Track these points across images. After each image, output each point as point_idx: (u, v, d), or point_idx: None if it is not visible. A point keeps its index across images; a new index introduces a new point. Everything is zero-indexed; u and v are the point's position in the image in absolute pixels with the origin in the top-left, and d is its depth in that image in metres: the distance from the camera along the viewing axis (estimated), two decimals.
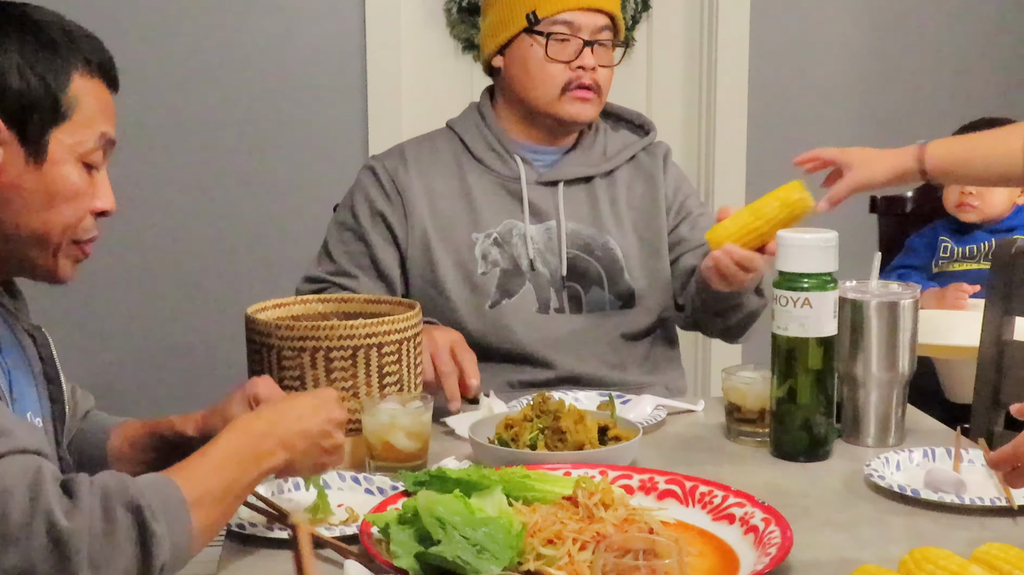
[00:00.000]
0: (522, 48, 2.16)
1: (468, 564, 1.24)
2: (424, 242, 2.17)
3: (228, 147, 3.42)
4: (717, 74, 3.62)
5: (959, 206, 2.95)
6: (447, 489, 1.40)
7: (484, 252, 2.17)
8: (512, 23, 2.16)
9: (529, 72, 2.15)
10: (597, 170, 2.23)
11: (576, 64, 2.13)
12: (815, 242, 1.71)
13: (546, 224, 2.19)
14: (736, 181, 3.65)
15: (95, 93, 1.35)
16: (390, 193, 2.19)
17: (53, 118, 1.31)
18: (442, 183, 2.20)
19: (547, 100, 2.15)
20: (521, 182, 2.19)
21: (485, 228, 2.17)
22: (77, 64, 1.33)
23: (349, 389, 1.69)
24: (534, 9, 2.13)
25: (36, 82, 1.30)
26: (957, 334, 2.39)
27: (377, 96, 3.45)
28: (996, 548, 1.28)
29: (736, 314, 2.14)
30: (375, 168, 2.23)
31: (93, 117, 1.34)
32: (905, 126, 3.69)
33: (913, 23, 3.70)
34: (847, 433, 1.83)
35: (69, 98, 1.32)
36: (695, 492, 1.52)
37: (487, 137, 2.23)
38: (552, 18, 2.13)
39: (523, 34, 2.15)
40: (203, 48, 3.39)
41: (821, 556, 1.39)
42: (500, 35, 2.19)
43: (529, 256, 2.17)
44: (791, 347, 1.73)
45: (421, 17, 3.55)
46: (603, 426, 1.73)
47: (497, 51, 2.20)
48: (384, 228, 2.19)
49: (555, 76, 2.14)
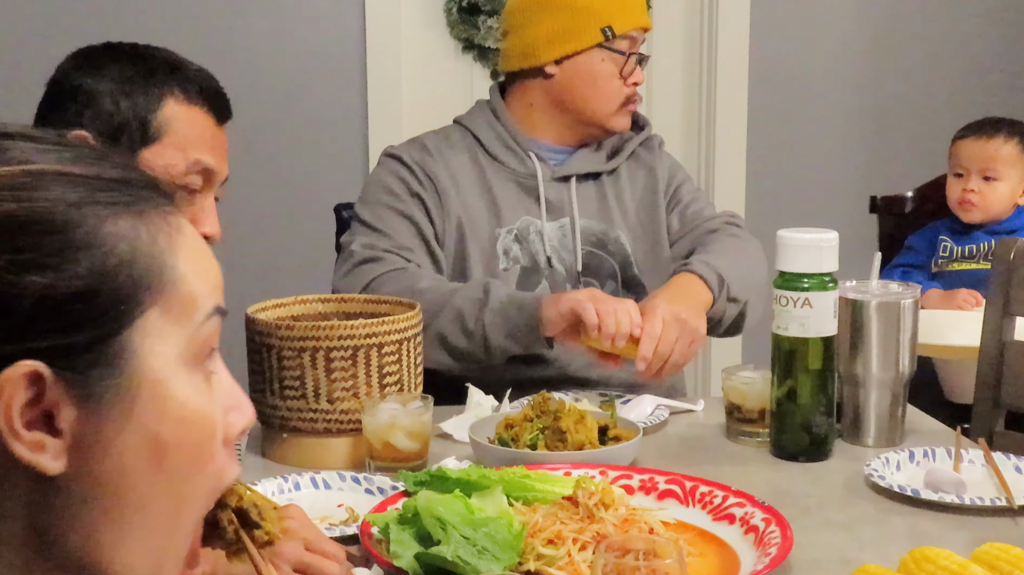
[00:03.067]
0: (591, 61, 2.16)
1: (468, 564, 1.25)
2: (459, 232, 2.15)
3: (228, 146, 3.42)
4: (717, 74, 3.62)
5: (961, 203, 2.95)
6: (447, 489, 1.40)
7: (506, 248, 2.17)
8: (585, 35, 2.16)
9: (596, 86, 2.17)
10: (604, 167, 2.25)
11: (632, 80, 2.18)
12: (815, 242, 1.71)
13: (560, 221, 2.20)
14: (736, 180, 3.65)
15: (191, 119, 1.38)
16: (422, 179, 2.16)
17: (142, 139, 1.34)
18: (465, 175, 2.19)
19: (606, 114, 2.18)
20: (538, 179, 2.20)
21: (506, 224, 2.18)
22: (173, 90, 1.37)
23: (349, 389, 1.68)
24: (610, 24, 2.15)
25: (126, 104, 1.33)
26: (957, 334, 2.39)
27: (377, 96, 3.45)
28: (996, 548, 1.28)
29: (718, 329, 2.14)
30: (401, 157, 2.19)
31: (187, 142, 1.37)
32: (905, 125, 3.69)
33: (913, 21, 3.70)
34: (847, 433, 1.82)
35: (160, 121, 1.35)
36: (695, 492, 1.52)
37: (501, 135, 2.22)
38: (623, 35, 2.16)
39: (595, 48, 2.16)
40: (203, 48, 3.37)
41: (821, 556, 1.39)
42: (567, 45, 2.17)
43: (546, 253, 2.17)
44: (791, 347, 1.73)
45: (421, 17, 3.55)
46: (603, 426, 1.73)
47: (559, 59, 2.18)
48: (424, 210, 2.15)
49: (619, 92, 2.17)
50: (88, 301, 0.72)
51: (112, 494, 0.74)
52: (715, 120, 3.64)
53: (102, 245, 0.73)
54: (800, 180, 3.66)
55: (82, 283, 0.72)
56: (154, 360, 0.75)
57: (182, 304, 0.77)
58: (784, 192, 3.62)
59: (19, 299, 0.71)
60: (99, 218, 0.74)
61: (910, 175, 3.33)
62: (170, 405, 0.76)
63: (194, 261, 0.79)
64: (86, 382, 0.72)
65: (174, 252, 0.77)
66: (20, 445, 0.71)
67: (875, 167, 3.69)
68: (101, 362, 0.73)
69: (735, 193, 3.62)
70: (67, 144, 0.79)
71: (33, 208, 0.72)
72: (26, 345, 0.71)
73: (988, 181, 2.92)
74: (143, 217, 0.76)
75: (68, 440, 0.72)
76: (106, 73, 1.37)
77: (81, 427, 0.73)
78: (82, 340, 0.72)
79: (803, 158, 3.68)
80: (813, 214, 3.29)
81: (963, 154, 2.95)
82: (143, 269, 0.75)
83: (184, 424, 0.76)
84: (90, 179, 0.76)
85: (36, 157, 0.76)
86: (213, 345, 0.80)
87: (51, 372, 0.71)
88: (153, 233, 0.76)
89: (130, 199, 0.76)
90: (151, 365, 0.75)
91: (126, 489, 0.75)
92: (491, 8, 3.49)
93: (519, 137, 2.22)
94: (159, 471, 0.75)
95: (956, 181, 2.97)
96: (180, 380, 0.76)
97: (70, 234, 0.73)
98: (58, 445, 0.72)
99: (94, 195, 0.75)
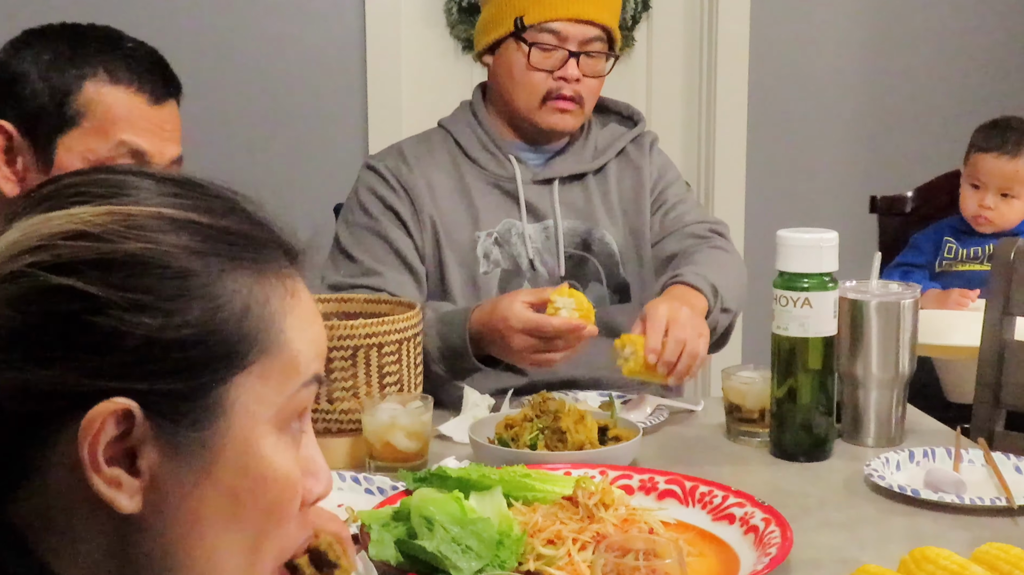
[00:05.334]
0: (508, 52, 2.14)
1: (447, 559, 1.25)
2: (435, 239, 2.14)
3: (228, 147, 3.42)
4: (717, 74, 3.62)
5: (976, 218, 2.94)
6: (447, 488, 1.40)
7: (486, 251, 2.15)
8: (501, 25, 2.14)
9: (513, 77, 2.14)
10: (589, 167, 2.22)
11: (558, 74, 2.11)
12: (815, 242, 1.71)
13: (543, 223, 2.18)
14: (736, 181, 3.65)
15: (115, 100, 1.33)
16: (397, 189, 2.15)
17: (59, 124, 1.30)
18: (442, 181, 2.18)
19: (527, 108, 2.14)
20: (517, 182, 2.18)
21: (486, 227, 2.16)
22: (96, 71, 1.32)
23: (349, 389, 1.68)
24: (522, 15, 2.11)
25: (44, 88, 1.29)
26: (957, 334, 2.39)
27: (377, 96, 3.45)
28: (996, 548, 1.28)
29: (711, 338, 2.04)
30: (377, 167, 2.19)
31: (110, 124, 1.32)
32: (905, 125, 3.69)
33: (913, 22, 3.70)
34: (847, 433, 1.82)
35: (79, 104, 1.30)
36: (695, 492, 1.52)
37: (480, 137, 2.21)
38: (539, 25, 2.10)
39: (510, 38, 2.13)
40: (203, 48, 3.39)
41: (821, 556, 1.39)
42: (489, 35, 2.17)
43: (529, 256, 2.16)
44: (791, 347, 1.73)
45: (421, 17, 3.55)
46: (603, 426, 1.73)
47: (485, 50, 2.19)
48: (399, 223, 2.14)
49: (536, 85, 2.12)
50: (193, 351, 0.73)
51: (183, 540, 0.74)
52: (715, 120, 3.64)
53: (217, 298, 0.74)
54: (800, 180, 3.66)
55: (191, 332, 0.72)
56: (246, 418, 0.75)
57: (284, 368, 0.77)
58: (784, 192, 3.62)
59: (126, 337, 0.71)
60: (218, 271, 0.75)
61: (910, 175, 3.33)
62: (253, 463, 0.75)
63: (303, 327, 0.79)
64: (175, 429, 0.73)
65: (285, 315, 0.77)
66: (99, 479, 0.71)
67: (875, 167, 3.68)
68: (194, 412, 0.73)
69: (735, 193, 3.62)
70: (201, 191, 0.79)
71: (156, 251, 0.73)
72: (124, 384, 0.71)
73: (1005, 198, 2.90)
74: (261, 276, 0.77)
75: (146, 481, 0.73)
76: (34, 55, 1.31)
77: (161, 471, 0.73)
78: (180, 388, 0.73)
79: (803, 158, 3.68)
80: (813, 214, 3.29)
81: (983, 168, 2.90)
82: (252, 328, 0.75)
83: (264, 483, 0.76)
84: (217, 231, 0.76)
85: (168, 201, 0.76)
86: (306, 409, 0.80)
87: (143, 413, 0.71)
88: (268, 293, 0.77)
89: (252, 256, 0.77)
90: (242, 423, 0.75)
91: (197, 537, 0.74)
92: None
93: (496, 139, 2.20)
94: (233, 524, 0.75)
95: (972, 193, 2.93)
96: (268, 441, 0.76)
97: (188, 282, 0.73)
98: (135, 485, 0.73)
99: (218, 247, 0.76)
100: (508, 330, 1.87)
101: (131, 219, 0.74)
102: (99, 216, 0.74)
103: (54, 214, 0.74)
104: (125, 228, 0.73)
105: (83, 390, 0.71)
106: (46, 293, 0.71)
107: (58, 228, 0.73)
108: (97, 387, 0.71)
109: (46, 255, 0.72)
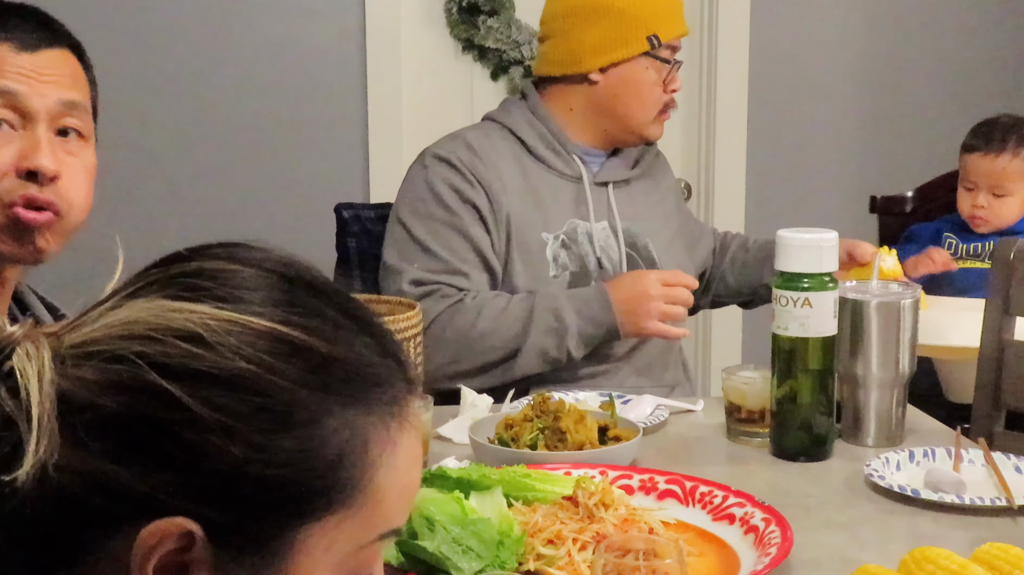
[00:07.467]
0: (636, 69, 2.15)
1: (448, 559, 1.25)
2: (507, 237, 2.12)
3: (228, 147, 3.42)
4: (717, 74, 3.62)
5: (971, 218, 2.94)
6: (448, 488, 1.40)
7: (555, 254, 2.14)
8: (632, 43, 2.14)
9: (640, 94, 2.15)
10: (631, 174, 2.26)
11: (672, 87, 2.17)
12: (815, 242, 1.71)
13: (602, 223, 2.20)
14: (736, 180, 3.64)
15: None
16: (473, 183, 2.10)
17: None
18: (512, 178, 2.15)
19: (645, 122, 2.18)
20: (584, 181, 2.18)
21: (553, 229, 2.15)
22: None
23: None
24: (656, 32, 2.13)
25: None
26: (957, 334, 2.38)
27: (377, 96, 3.45)
28: (996, 548, 1.28)
29: (759, 303, 2.32)
30: (449, 159, 2.12)
31: None
32: (905, 126, 3.69)
33: (913, 23, 3.70)
34: (847, 433, 1.82)
35: None
36: (695, 492, 1.52)
37: (544, 135, 2.19)
38: (667, 44, 2.15)
39: (641, 56, 2.14)
40: (203, 48, 3.39)
41: (821, 556, 1.39)
42: (614, 53, 2.15)
43: (596, 255, 2.16)
44: (791, 347, 1.73)
45: (421, 17, 3.55)
46: (603, 426, 1.73)
47: (604, 67, 2.17)
48: (479, 219, 2.10)
49: (659, 100, 2.17)
50: (276, 490, 0.68)
51: None
52: (715, 120, 3.63)
53: (312, 439, 0.68)
54: (800, 180, 3.66)
55: (275, 473, 0.68)
56: (311, 565, 0.70)
57: (366, 519, 0.71)
58: (784, 192, 3.62)
59: (209, 461, 0.67)
60: (322, 410, 0.69)
61: (910, 175, 3.33)
62: None
63: (398, 477, 0.73)
64: (235, 564, 0.68)
65: (382, 465, 0.71)
66: None
67: (875, 167, 3.68)
68: (258, 550, 0.68)
69: (735, 193, 3.62)
70: (337, 304, 0.74)
71: (263, 377, 0.68)
72: (196, 507, 0.67)
73: (998, 197, 2.90)
74: (368, 417, 0.71)
75: None
76: None
77: None
78: (250, 524, 0.68)
79: (803, 158, 3.68)
80: (813, 214, 3.29)
81: (971, 169, 2.91)
82: (344, 477, 0.70)
83: None
84: (331, 362, 0.70)
85: (289, 317, 0.70)
86: (377, 560, 0.74)
87: (206, 539, 0.67)
88: (369, 437, 0.71)
89: (363, 396, 0.71)
90: (306, 568, 0.70)
91: None
92: (491, 8, 3.48)
93: (562, 139, 2.19)
94: None
95: (966, 194, 2.94)
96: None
97: (286, 417, 0.68)
98: None
99: (328, 382, 0.70)
100: (649, 283, 2.01)
101: (246, 333, 0.69)
102: (220, 323, 0.69)
103: (176, 306, 0.70)
104: (239, 343, 0.68)
105: (153, 501, 0.67)
106: (145, 390, 0.67)
107: (176, 323, 0.69)
108: (168, 503, 0.67)
109: (156, 348, 0.68)
